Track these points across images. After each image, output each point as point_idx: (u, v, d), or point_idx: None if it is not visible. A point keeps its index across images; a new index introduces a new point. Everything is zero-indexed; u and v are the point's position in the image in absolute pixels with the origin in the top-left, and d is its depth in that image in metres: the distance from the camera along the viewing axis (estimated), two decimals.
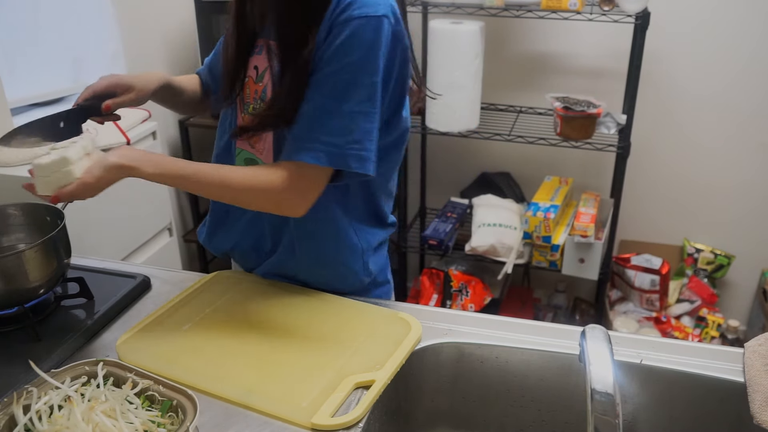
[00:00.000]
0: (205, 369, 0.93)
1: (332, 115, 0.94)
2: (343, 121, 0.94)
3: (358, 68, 0.92)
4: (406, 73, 1.01)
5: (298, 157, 0.95)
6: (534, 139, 2.12)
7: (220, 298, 1.11)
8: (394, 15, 0.95)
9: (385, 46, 0.94)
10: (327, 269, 1.12)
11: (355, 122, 0.94)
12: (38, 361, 0.88)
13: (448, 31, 2.03)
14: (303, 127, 0.95)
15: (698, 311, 2.29)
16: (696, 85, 2.23)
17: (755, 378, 0.89)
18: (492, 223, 2.22)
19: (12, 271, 0.99)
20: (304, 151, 0.94)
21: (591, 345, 0.74)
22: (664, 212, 2.43)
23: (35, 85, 1.82)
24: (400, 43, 0.97)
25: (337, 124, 0.94)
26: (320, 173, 0.97)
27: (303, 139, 0.95)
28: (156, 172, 0.95)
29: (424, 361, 1.00)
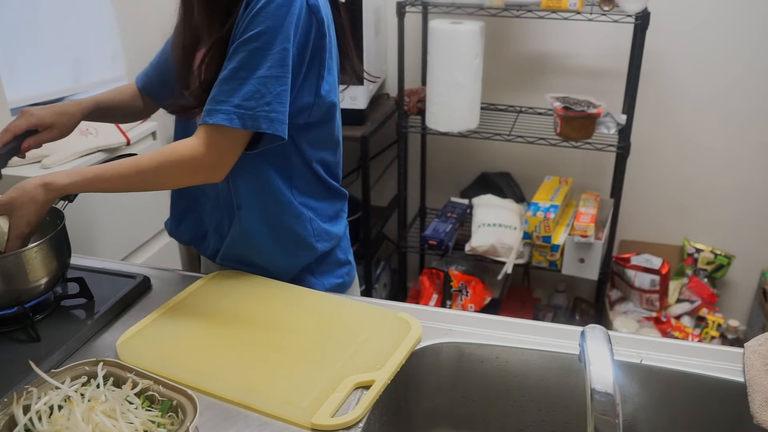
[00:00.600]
0: (205, 369, 0.93)
1: (245, 80, 0.97)
2: (255, 85, 0.97)
3: (270, 35, 0.97)
4: (323, 45, 1.04)
5: (212, 120, 0.98)
6: (534, 139, 2.12)
7: (220, 299, 1.11)
8: None
9: (297, 15, 0.98)
10: (279, 244, 1.14)
11: (266, 86, 0.98)
12: (38, 361, 0.88)
13: (448, 31, 2.03)
14: (217, 92, 0.99)
15: (698, 311, 2.29)
16: (696, 85, 2.23)
17: (755, 378, 0.89)
18: (492, 223, 2.22)
19: (12, 271, 0.99)
20: (217, 113, 0.97)
21: (591, 345, 0.74)
22: (664, 212, 2.43)
23: (35, 85, 1.82)
24: (315, 16, 1.01)
25: (249, 89, 0.97)
26: (235, 135, 1.00)
27: (217, 102, 0.98)
28: (70, 181, 0.99)
29: (424, 361, 1.00)
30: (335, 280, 1.21)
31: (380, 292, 2.57)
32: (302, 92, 1.05)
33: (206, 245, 1.23)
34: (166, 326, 1.02)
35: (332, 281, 1.21)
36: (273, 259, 1.16)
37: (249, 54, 0.97)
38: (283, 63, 0.98)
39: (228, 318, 1.04)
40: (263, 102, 0.98)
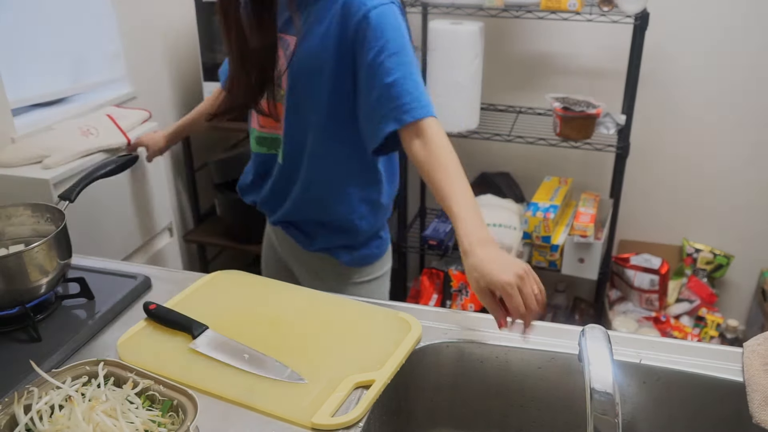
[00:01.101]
0: (205, 369, 0.93)
1: (413, 80, 1.09)
2: (419, 83, 1.09)
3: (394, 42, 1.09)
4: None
5: (426, 114, 1.08)
6: (533, 139, 2.12)
7: (221, 298, 1.11)
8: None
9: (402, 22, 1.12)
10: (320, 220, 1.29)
11: (420, 83, 1.10)
12: (39, 361, 0.88)
13: (447, 32, 2.03)
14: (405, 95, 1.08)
15: (697, 311, 2.29)
16: (695, 85, 2.23)
17: (754, 377, 0.90)
18: (492, 223, 2.22)
19: (13, 271, 0.99)
20: (422, 109, 1.08)
21: (590, 345, 0.74)
22: (663, 212, 2.43)
23: (36, 86, 1.82)
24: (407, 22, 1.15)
25: (420, 87, 1.09)
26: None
27: (411, 102, 1.08)
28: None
29: (424, 361, 1.01)
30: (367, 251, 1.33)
31: None
32: None
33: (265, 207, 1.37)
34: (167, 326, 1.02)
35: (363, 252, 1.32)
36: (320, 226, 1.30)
37: (392, 61, 1.07)
38: (413, 59, 1.11)
39: (228, 318, 1.05)
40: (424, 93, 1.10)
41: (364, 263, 1.33)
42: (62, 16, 1.86)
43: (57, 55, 1.87)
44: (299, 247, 1.34)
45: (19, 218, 1.14)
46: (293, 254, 1.39)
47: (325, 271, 1.34)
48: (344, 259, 1.31)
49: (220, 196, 2.28)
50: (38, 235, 1.12)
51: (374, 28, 1.07)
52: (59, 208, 1.11)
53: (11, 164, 1.56)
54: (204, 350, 0.96)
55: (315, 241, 1.31)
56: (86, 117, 1.80)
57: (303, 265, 1.38)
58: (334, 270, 1.33)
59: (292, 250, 1.38)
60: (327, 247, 1.31)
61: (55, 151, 1.58)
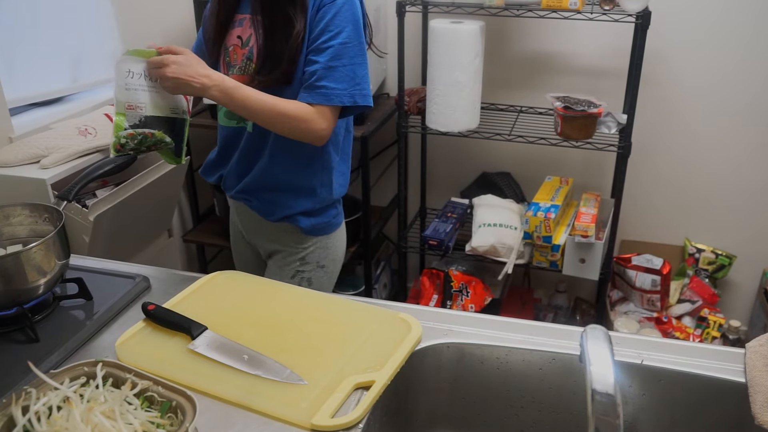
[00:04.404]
0: (204, 369, 0.93)
1: (343, 68, 1.26)
2: (351, 71, 1.27)
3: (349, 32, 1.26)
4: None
5: (331, 103, 1.26)
6: (534, 138, 2.11)
7: (220, 299, 1.10)
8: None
9: (361, 13, 1.29)
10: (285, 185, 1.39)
11: (356, 72, 1.27)
12: (37, 362, 0.87)
13: (448, 31, 2.02)
14: (325, 80, 1.25)
15: (699, 311, 2.29)
16: (697, 85, 2.23)
17: (756, 378, 0.89)
18: (492, 223, 2.22)
19: (11, 271, 0.99)
20: (335, 97, 1.26)
21: (591, 345, 0.74)
22: (665, 212, 2.43)
23: (34, 85, 1.82)
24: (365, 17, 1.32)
25: (348, 74, 1.26)
26: (338, 110, 1.30)
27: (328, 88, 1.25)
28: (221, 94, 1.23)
29: (424, 361, 1.00)
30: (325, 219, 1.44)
31: (380, 292, 2.57)
32: None
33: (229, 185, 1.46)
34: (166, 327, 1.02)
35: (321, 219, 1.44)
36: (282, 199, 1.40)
37: (337, 49, 1.24)
38: (362, 52, 1.29)
39: (227, 318, 1.04)
40: (358, 83, 1.27)
41: (322, 232, 1.45)
42: (61, 16, 1.86)
43: (55, 54, 1.86)
44: (261, 219, 1.43)
45: (17, 218, 1.13)
46: (254, 227, 1.49)
47: (285, 238, 1.44)
48: (304, 225, 1.41)
49: (219, 196, 2.28)
50: (36, 236, 1.12)
51: (336, 15, 1.24)
52: (57, 208, 1.10)
53: (9, 164, 1.56)
54: (203, 351, 0.95)
55: (277, 210, 1.40)
56: (84, 117, 1.80)
57: (263, 236, 1.48)
58: (293, 237, 1.43)
59: (253, 223, 1.48)
60: (288, 214, 1.40)
61: (53, 150, 1.58)
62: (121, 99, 1.21)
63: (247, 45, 1.32)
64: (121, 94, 1.21)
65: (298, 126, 1.26)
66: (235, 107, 1.25)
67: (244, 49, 1.32)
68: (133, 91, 1.21)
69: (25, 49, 1.77)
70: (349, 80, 1.26)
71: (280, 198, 1.39)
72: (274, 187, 1.39)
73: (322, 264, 1.47)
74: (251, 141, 1.37)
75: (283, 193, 1.39)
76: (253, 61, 1.30)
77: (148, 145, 1.24)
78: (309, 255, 1.45)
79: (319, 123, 1.26)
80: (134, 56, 1.21)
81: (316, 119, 1.26)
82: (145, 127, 1.22)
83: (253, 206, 1.43)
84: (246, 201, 1.44)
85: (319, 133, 1.28)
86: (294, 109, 1.25)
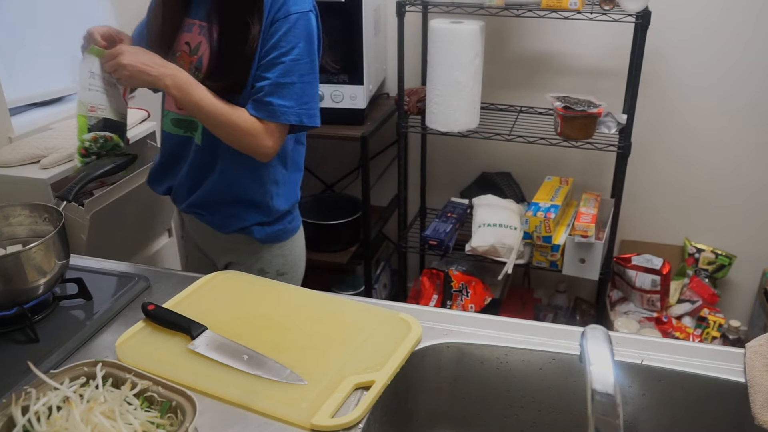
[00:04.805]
0: (204, 369, 0.93)
1: (292, 86, 1.22)
2: (300, 90, 1.23)
3: (302, 49, 1.22)
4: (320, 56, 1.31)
5: (279, 120, 1.23)
6: (534, 138, 2.11)
7: (220, 299, 1.10)
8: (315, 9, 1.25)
9: (316, 31, 1.25)
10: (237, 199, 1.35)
11: (305, 90, 1.24)
12: (37, 362, 0.87)
13: (448, 31, 2.02)
14: (274, 96, 1.21)
15: (699, 311, 2.29)
16: (697, 85, 2.23)
17: (756, 378, 0.89)
18: (492, 223, 2.22)
19: (11, 271, 0.99)
20: (283, 115, 1.22)
21: (591, 345, 0.74)
22: (665, 212, 2.43)
23: (34, 85, 1.82)
24: (320, 31, 1.28)
25: (297, 92, 1.23)
26: (287, 129, 1.27)
27: (277, 105, 1.21)
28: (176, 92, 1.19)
29: (424, 361, 1.00)
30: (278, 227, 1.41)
31: (380, 292, 2.57)
32: None
33: (179, 197, 1.42)
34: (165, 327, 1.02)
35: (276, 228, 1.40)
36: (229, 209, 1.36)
37: (288, 65, 1.21)
38: (313, 70, 1.25)
39: (227, 318, 1.04)
40: (306, 102, 1.24)
41: (279, 240, 1.42)
42: (61, 16, 1.86)
43: (55, 54, 1.86)
44: (215, 232, 1.40)
45: (16, 218, 1.13)
46: (208, 239, 1.45)
47: (241, 250, 1.41)
48: (259, 235, 1.38)
49: None
50: (36, 236, 1.12)
51: (289, 31, 1.20)
52: (57, 208, 1.10)
53: (9, 164, 1.55)
54: (203, 351, 0.95)
55: (231, 223, 1.37)
56: None
57: (218, 248, 1.45)
58: (249, 247, 1.40)
59: (207, 235, 1.44)
60: (242, 226, 1.37)
61: (53, 150, 1.58)
62: (84, 100, 1.19)
63: (195, 53, 1.27)
64: (84, 94, 1.19)
65: (245, 139, 1.23)
66: (188, 104, 1.20)
67: (192, 58, 1.27)
68: (95, 92, 1.19)
69: (25, 49, 1.77)
70: (297, 98, 1.23)
71: (233, 211, 1.36)
72: (226, 201, 1.36)
73: (282, 272, 1.43)
74: (201, 154, 1.32)
75: (236, 206, 1.36)
76: (202, 71, 1.25)
77: (107, 149, 1.22)
78: (267, 265, 1.42)
79: (265, 140, 1.23)
80: (95, 55, 1.18)
81: (264, 136, 1.22)
82: (104, 130, 1.20)
83: (206, 220, 1.40)
84: (198, 215, 1.40)
85: (265, 150, 1.25)
86: (244, 122, 1.21)
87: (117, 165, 1.46)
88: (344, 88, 2.13)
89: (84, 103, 1.19)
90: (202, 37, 1.26)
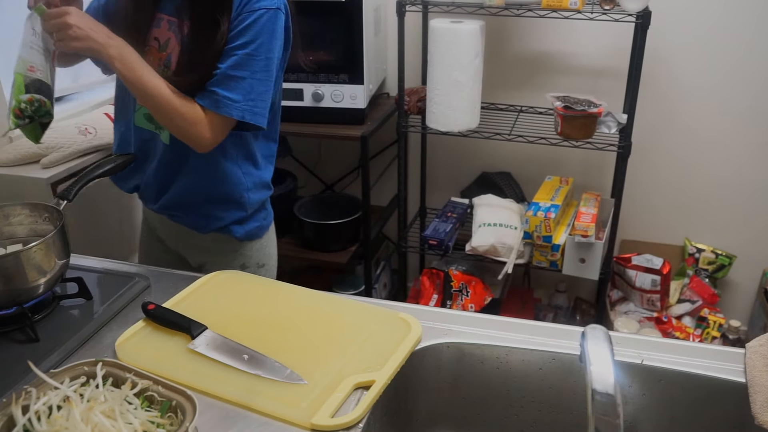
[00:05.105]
0: (204, 369, 0.93)
1: (242, 80, 1.19)
2: (249, 85, 1.19)
3: (258, 45, 1.18)
4: (286, 55, 1.30)
5: (221, 112, 1.19)
6: (534, 138, 2.11)
7: (220, 298, 1.10)
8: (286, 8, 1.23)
9: (280, 30, 1.21)
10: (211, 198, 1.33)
11: (254, 87, 1.20)
12: (37, 362, 0.87)
13: (448, 31, 2.02)
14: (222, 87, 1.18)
15: (699, 311, 2.29)
16: (697, 85, 2.23)
17: (756, 378, 0.89)
18: (492, 223, 2.22)
19: (11, 271, 0.99)
20: (226, 107, 1.19)
21: (591, 345, 0.74)
22: (665, 212, 2.43)
23: None
24: (288, 32, 1.26)
25: (246, 88, 1.19)
26: (231, 123, 1.23)
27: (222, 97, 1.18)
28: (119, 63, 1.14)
29: (424, 361, 1.00)
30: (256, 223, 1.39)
31: (380, 292, 2.57)
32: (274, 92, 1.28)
33: (147, 197, 1.40)
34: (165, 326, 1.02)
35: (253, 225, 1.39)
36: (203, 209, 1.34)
37: (242, 59, 1.18)
38: (268, 68, 1.21)
39: (227, 318, 1.04)
40: (252, 99, 1.20)
41: (256, 236, 1.41)
42: None
43: None
44: (191, 232, 1.37)
45: (17, 218, 1.13)
46: (183, 241, 1.41)
47: (220, 249, 1.39)
48: (238, 234, 1.36)
49: None
50: (36, 235, 1.12)
51: (252, 24, 1.17)
52: (57, 208, 1.10)
53: (9, 163, 1.56)
54: (203, 350, 0.95)
55: (209, 223, 1.35)
56: (84, 116, 1.80)
57: (194, 248, 1.41)
58: (229, 246, 1.38)
59: (181, 236, 1.40)
60: (220, 226, 1.35)
61: (53, 150, 1.58)
62: (25, 57, 1.14)
63: (164, 50, 1.25)
64: (26, 52, 1.14)
65: (185, 127, 1.19)
66: (131, 80, 1.15)
67: (162, 54, 1.25)
68: (36, 52, 1.14)
69: None
70: (245, 93, 1.19)
71: (209, 210, 1.34)
72: (200, 201, 1.33)
73: (262, 263, 1.43)
74: (169, 153, 1.30)
75: (211, 204, 1.33)
76: (171, 68, 1.23)
77: (40, 114, 1.16)
78: (248, 260, 1.41)
79: (205, 130, 1.19)
80: (40, 14, 1.13)
81: (204, 126, 1.19)
82: (39, 93, 1.15)
83: (182, 221, 1.37)
84: (172, 216, 1.38)
85: (202, 141, 1.20)
86: (187, 108, 1.17)
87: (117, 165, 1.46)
88: (344, 87, 2.13)
89: (25, 60, 1.13)
90: (171, 34, 1.24)
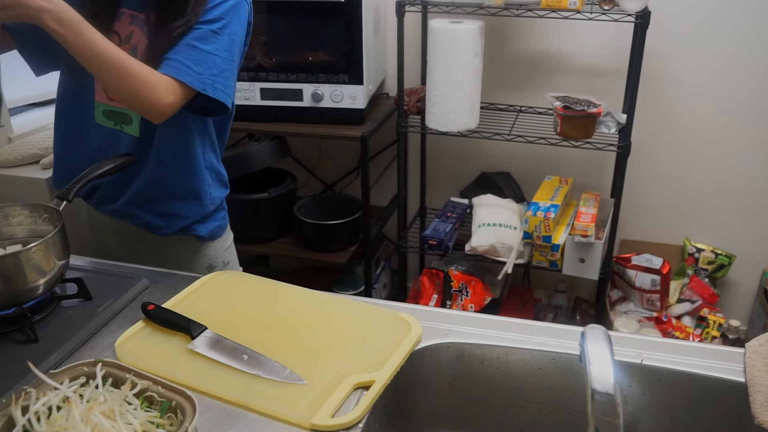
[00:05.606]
0: (204, 369, 0.93)
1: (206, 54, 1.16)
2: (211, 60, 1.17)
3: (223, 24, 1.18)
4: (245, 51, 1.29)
5: (182, 79, 1.14)
6: (534, 138, 2.11)
7: (220, 299, 1.10)
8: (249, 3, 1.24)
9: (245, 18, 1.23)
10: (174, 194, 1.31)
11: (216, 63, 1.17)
12: (37, 362, 0.87)
13: (447, 31, 2.02)
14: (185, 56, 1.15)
15: (699, 311, 2.29)
16: (697, 85, 2.23)
17: (756, 378, 0.89)
18: (492, 223, 2.22)
19: (10, 271, 0.99)
20: (187, 75, 1.14)
21: (591, 345, 0.74)
22: (664, 212, 2.43)
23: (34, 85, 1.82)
24: (250, 26, 1.27)
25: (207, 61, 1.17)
26: (189, 93, 1.17)
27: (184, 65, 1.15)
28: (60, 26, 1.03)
29: (424, 361, 1.00)
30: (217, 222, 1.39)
31: (380, 292, 2.57)
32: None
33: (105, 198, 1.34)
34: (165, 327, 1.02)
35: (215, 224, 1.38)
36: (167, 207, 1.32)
37: (206, 33, 1.16)
38: (231, 49, 1.19)
39: (227, 318, 1.04)
40: (215, 75, 1.17)
41: (218, 236, 1.40)
42: None
43: None
44: (150, 235, 1.34)
45: (16, 218, 1.13)
46: (141, 247, 1.37)
47: (184, 252, 1.37)
48: (202, 233, 1.35)
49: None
50: (36, 236, 1.12)
51: (220, 4, 1.17)
52: (57, 208, 1.10)
53: (8, 164, 1.56)
54: (203, 351, 0.95)
55: (171, 222, 1.32)
56: None
57: (155, 254, 1.36)
58: (192, 248, 1.37)
59: (139, 242, 1.36)
60: (183, 226, 1.33)
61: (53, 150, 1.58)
62: None
63: (128, 42, 1.22)
64: None
65: (142, 90, 1.11)
66: (78, 48, 1.06)
67: (125, 47, 1.20)
68: None
69: None
70: (206, 67, 1.16)
71: (171, 207, 1.31)
72: (163, 196, 1.30)
73: (227, 261, 1.44)
74: (135, 146, 1.26)
75: (173, 200, 1.31)
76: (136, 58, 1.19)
77: None
78: (214, 260, 1.40)
79: (165, 95, 1.12)
80: None
81: (162, 89, 1.12)
82: None
83: (141, 222, 1.32)
84: (132, 218, 1.33)
85: (161, 107, 1.13)
86: (144, 70, 1.11)
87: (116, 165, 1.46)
88: (344, 87, 2.13)
89: None
90: (134, 27, 1.22)
